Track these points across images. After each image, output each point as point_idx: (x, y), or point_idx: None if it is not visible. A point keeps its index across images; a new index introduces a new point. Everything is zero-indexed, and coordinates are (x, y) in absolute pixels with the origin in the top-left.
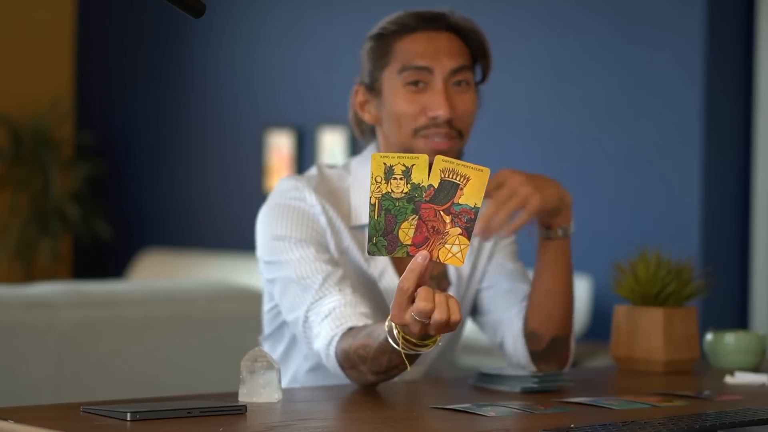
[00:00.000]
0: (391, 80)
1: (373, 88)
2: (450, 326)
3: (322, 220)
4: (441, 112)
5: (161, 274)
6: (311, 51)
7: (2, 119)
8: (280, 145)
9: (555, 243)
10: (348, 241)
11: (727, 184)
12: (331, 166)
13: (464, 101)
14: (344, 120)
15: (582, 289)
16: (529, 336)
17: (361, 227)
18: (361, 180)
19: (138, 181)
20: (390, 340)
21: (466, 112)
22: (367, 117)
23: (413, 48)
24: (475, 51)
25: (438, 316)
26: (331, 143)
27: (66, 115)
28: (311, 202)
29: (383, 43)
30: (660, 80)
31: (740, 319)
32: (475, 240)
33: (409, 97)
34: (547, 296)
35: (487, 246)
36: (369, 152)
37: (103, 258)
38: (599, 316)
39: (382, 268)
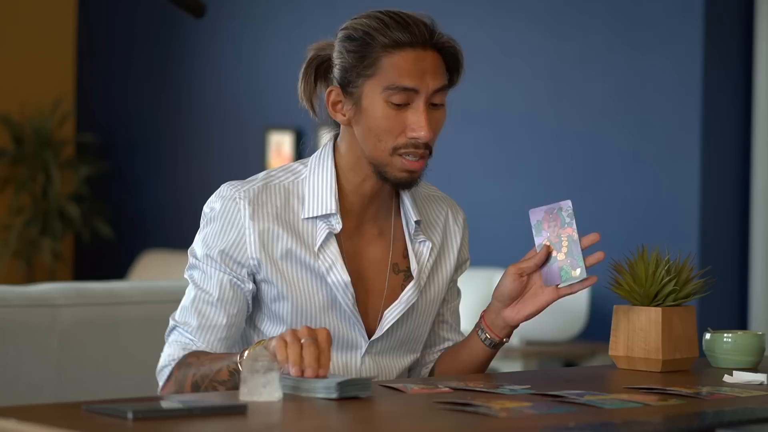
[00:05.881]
0: (374, 93)
1: (349, 91)
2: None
3: (251, 237)
4: (423, 133)
5: (162, 276)
6: None
7: (4, 120)
8: (280, 147)
9: (493, 351)
10: (290, 242)
11: (725, 184)
12: (285, 167)
13: (437, 119)
14: None
15: None
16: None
17: (314, 218)
18: (316, 173)
19: (139, 181)
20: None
21: (439, 129)
22: (339, 118)
23: (402, 66)
24: (452, 67)
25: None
26: None
27: (67, 116)
28: (243, 215)
29: (369, 52)
30: (659, 80)
31: (739, 319)
32: (437, 237)
33: (391, 114)
34: (462, 371)
35: (452, 252)
36: (327, 148)
37: (104, 258)
38: (598, 316)
39: (330, 262)
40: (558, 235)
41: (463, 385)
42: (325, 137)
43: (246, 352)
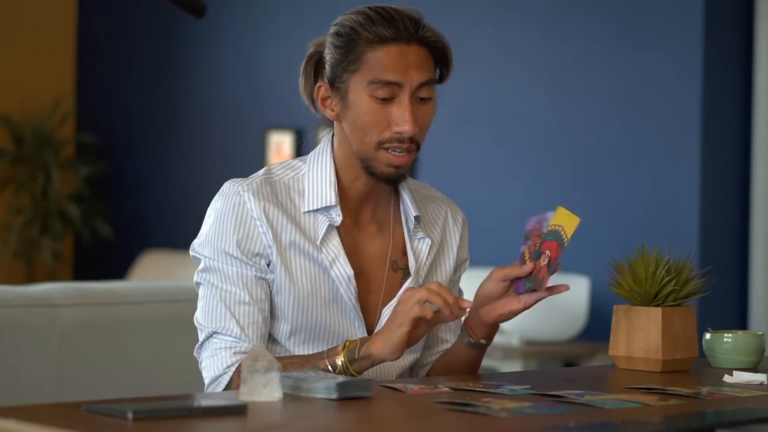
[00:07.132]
0: (359, 88)
1: (336, 86)
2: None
3: (263, 227)
4: (407, 128)
5: (162, 276)
6: None
7: (4, 120)
8: (280, 147)
9: (475, 353)
10: (295, 233)
11: (725, 184)
12: (284, 163)
13: (425, 114)
14: None
15: (581, 289)
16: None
17: (314, 211)
18: (315, 168)
19: (139, 181)
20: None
21: (426, 124)
22: (328, 113)
23: (385, 61)
24: (439, 60)
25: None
26: None
27: (67, 116)
28: (251, 207)
29: (353, 47)
30: (659, 80)
31: (739, 319)
32: (436, 235)
33: (376, 108)
34: (450, 374)
35: (452, 251)
36: (326, 144)
37: (104, 258)
38: (598, 316)
39: (333, 255)
40: (537, 246)
41: (463, 385)
42: (324, 134)
43: (340, 356)
